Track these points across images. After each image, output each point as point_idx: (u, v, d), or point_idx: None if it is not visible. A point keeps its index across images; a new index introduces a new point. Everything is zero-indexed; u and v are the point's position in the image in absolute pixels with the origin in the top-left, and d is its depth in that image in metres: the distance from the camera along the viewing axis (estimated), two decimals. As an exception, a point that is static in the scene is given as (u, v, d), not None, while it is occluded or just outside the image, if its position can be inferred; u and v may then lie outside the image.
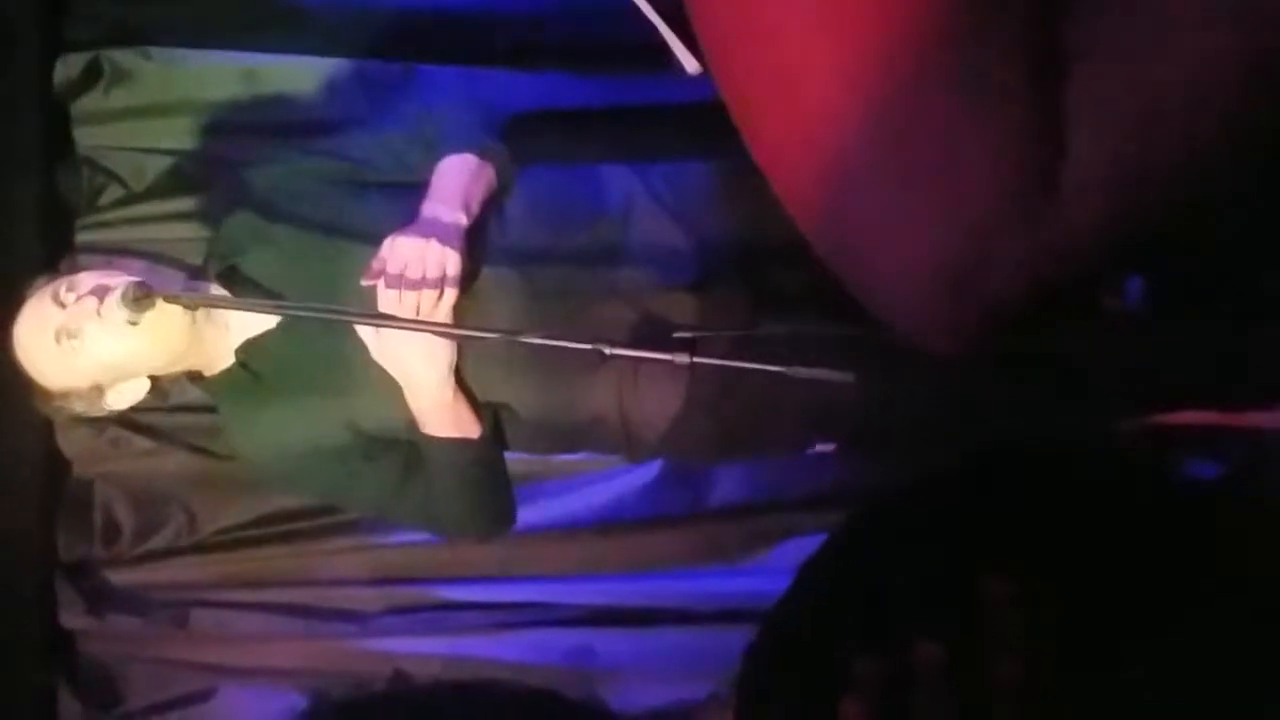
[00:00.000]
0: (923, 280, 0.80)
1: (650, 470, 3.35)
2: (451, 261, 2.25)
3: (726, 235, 2.41)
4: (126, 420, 3.19)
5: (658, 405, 2.42)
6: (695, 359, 2.10)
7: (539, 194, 2.49)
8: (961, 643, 0.92)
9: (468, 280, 2.33)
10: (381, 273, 2.24)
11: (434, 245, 2.24)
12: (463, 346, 2.35)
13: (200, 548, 3.37)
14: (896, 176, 0.78)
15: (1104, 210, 0.76)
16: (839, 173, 0.79)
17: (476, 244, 2.39)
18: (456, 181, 2.40)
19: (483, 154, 2.46)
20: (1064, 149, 0.75)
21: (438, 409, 2.40)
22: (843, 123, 0.78)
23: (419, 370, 2.35)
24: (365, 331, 2.31)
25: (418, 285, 2.22)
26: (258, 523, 3.35)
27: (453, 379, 2.37)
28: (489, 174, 2.45)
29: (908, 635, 0.95)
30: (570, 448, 2.70)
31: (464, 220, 2.34)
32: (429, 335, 2.28)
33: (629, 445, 2.52)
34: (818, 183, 0.82)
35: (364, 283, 2.25)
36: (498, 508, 2.62)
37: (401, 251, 2.24)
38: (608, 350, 2.11)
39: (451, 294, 2.25)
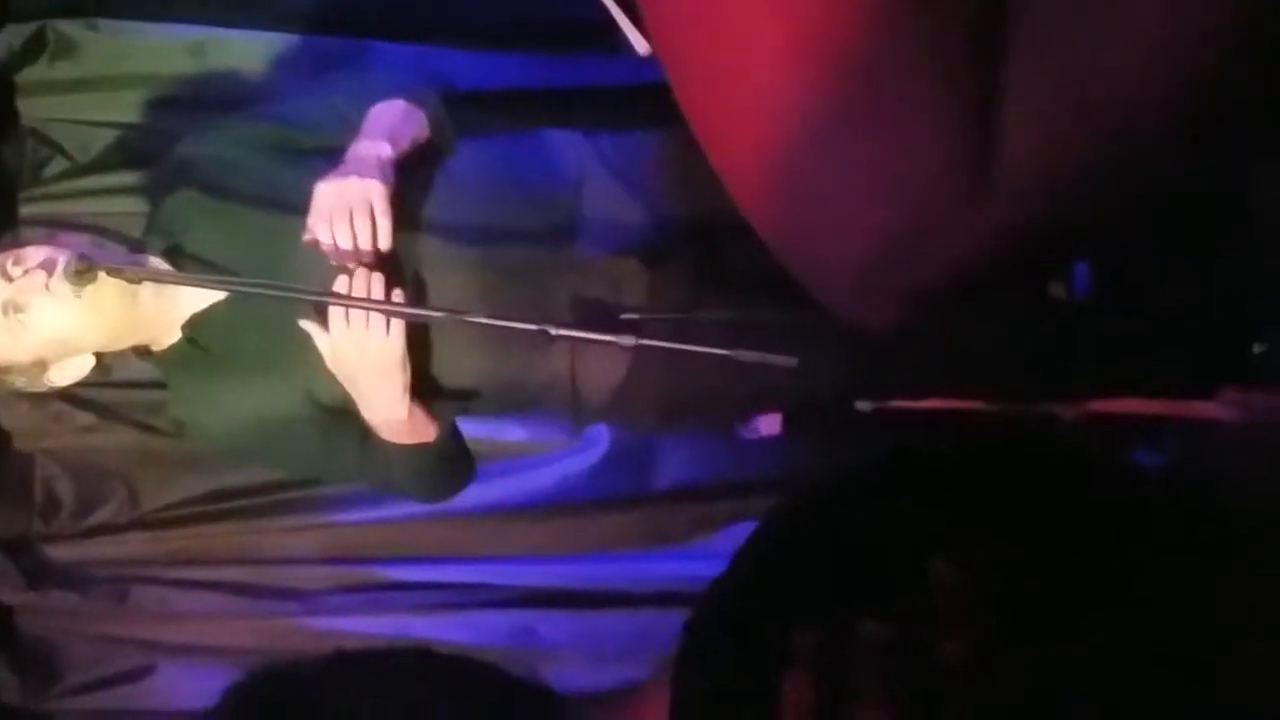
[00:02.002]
0: (858, 257, 0.81)
1: (597, 452, 3.35)
2: (375, 191, 2.23)
3: (679, 206, 2.41)
4: (69, 395, 3.16)
5: (605, 372, 2.41)
6: (640, 341, 2.10)
7: (489, 161, 2.48)
8: (906, 622, 0.93)
9: (407, 213, 2.32)
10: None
11: (352, 180, 2.23)
12: (413, 334, 2.33)
13: (142, 524, 3.35)
14: (835, 156, 0.78)
15: (1038, 192, 0.77)
16: (778, 153, 0.80)
17: (417, 190, 2.38)
18: (381, 121, 2.39)
19: (411, 98, 2.45)
20: (1000, 130, 0.76)
21: (392, 425, 2.40)
22: (783, 105, 0.78)
23: (372, 394, 2.35)
24: (321, 342, 2.29)
25: (346, 221, 2.21)
26: (200, 500, 3.34)
27: (407, 399, 2.36)
28: (418, 116, 2.44)
29: (852, 612, 0.95)
30: (519, 411, 2.70)
31: (387, 150, 2.31)
32: (383, 360, 2.27)
33: (575, 410, 2.52)
34: (757, 163, 0.82)
35: (305, 239, 2.24)
36: (457, 482, 2.67)
37: (325, 193, 2.23)
38: (554, 331, 2.10)
39: (385, 224, 2.23)
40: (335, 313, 2.24)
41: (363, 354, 2.26)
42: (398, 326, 2.26)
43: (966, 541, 0.97)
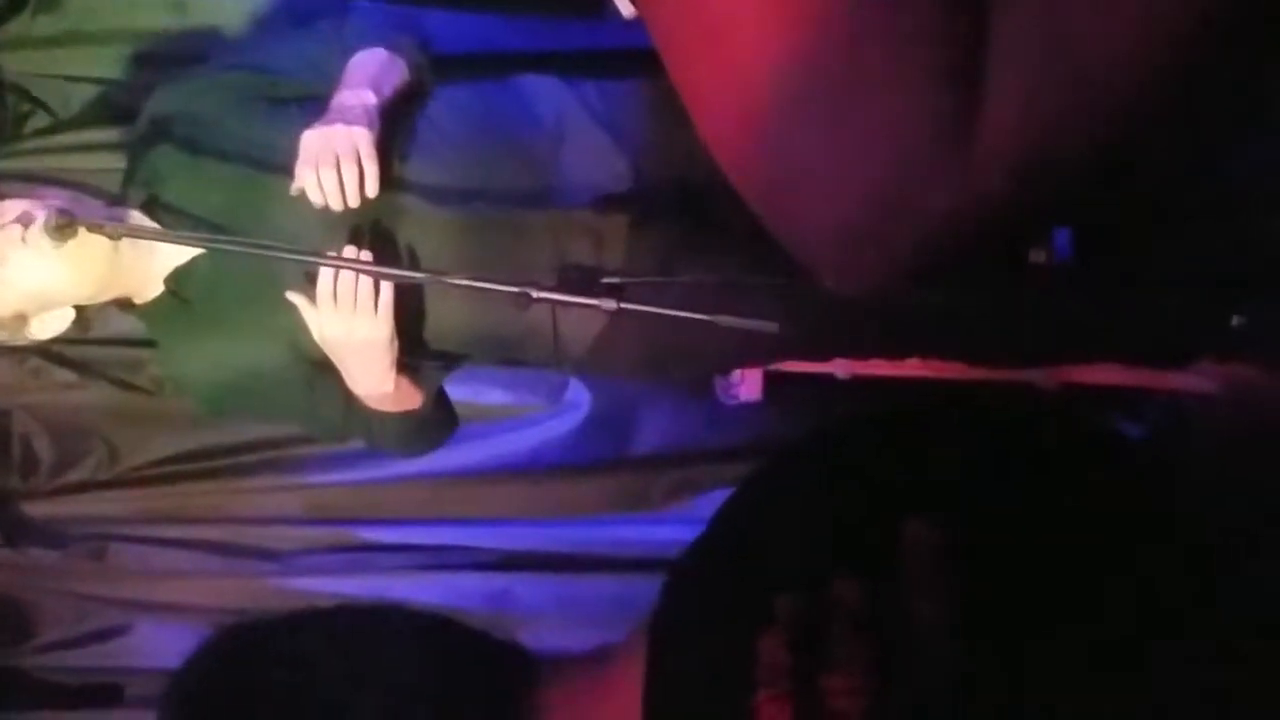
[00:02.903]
0: (841, 221, 0.81)
1: (577, 416, 3.35)
2: (361, 138, 2.22)
3: (663, 161, 2.39)
4: (48, 351, 3.16)
5: (586, 325, 2.41)
6: (622, 305, 2.09)
7: (467, 112, 2.46)
8: (880, 583, 0.93)
9: (387, 170, 2.30)
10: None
11: (339, 128, 2.22)
12: (396, 295, 2.32)
13: (120, 482, 3.35)
14: (816, 117, 0.78)
15: (1022, 154, 0.77)
16: (763, 118, 0.80)
17: (397, 146, 2.36)
18: (364, 71, 2.38)
19: (392, 47, 2.44)
20: (983, 93, 0.76)
21: (378, 397, 2.41)
22: (768, 69, 0.78)
23: (359, 371, 2.36)
24: (309, 317, 2.28)
25: (333, 167, 2.20)
26: (178, 458, 3.34)
27: (394, 373, 2.36)
28: (400, 65, 2.43)
29: (826, 574, 0.95)
30: (502, 358, 2.70)
31: (371, 98, 2.30)
32: (371, 339, 2.27)
33: (558, 361, 2.52)
34: (741, 128, 0.82)
35: (293, 188, 2.23)
36: (439, 438, 2.67)
37: (311, 141, 2.22)
38: (535, 294, 2.10)
39: (372, 169, 2.22)
40: (323, 293, 2.23)
41: (350, 333, 2.26)
42: (386, 306, 2.25)
43: (939, 502, 0.97)
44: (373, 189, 2.22)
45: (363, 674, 1.13)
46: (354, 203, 2.21)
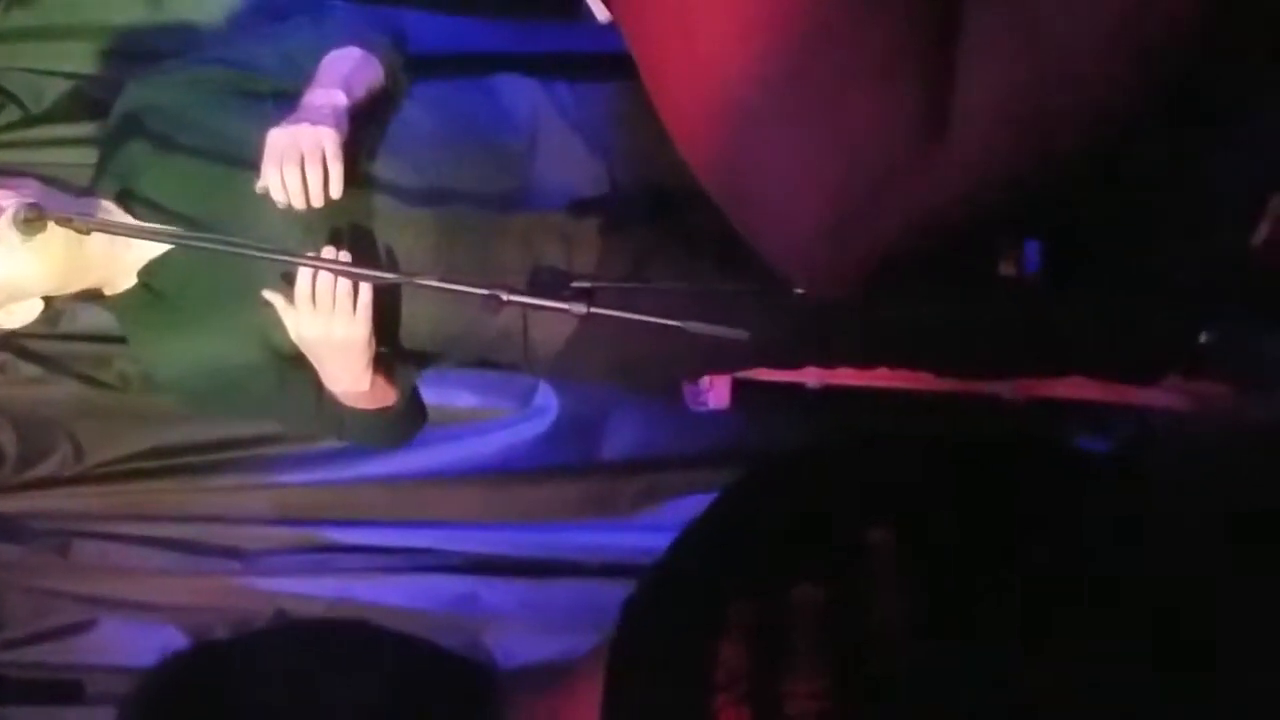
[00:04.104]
0: (811, 221, 0.81)
1: (545, 421, 3.35)
2: (327, 138, 2.20)
3: (635, 165, 2.40)
4: (15, 346, 3.14)
5: (556, 329, 2.41)
6: (592, 309, 2.10)
7: (441, 110, 2.46)
8: (841, 588, 0.94)
9: (359, 168, 2.31)
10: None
11: (305, 127, 2.21)
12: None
13: (85, 478, 3.33)
14: (787, 117, 0.78)
15: (992, 150, 0.77)
16: (732, 117, 0.80)
17: (368, 145, 2.36)
18: (336, 69, 2.37)
19: (367, 46, 2.43)
20: (953, 89, 0.76)
21: (354, 395, 2.41)
22: (737, 68, 0.78)
23: (335, 370, 2.36)
24: (287, 315, 2.28)
25: (297, 166, 2.19)
26: (145, 455, 3.32)
27: (370, 373, 2.36)
28: (373, 65, 2.42)
29: (788, 580, 0.96)
30: (475, 359, 2.70)
31: (341, 99, 2.29)
32: (348, 341, 2.27)
33: (528, 360, 2.52)
34: (711, 129, 0.82)
35: (258, 188, 2.22)
36: (409, 434, 2.68)
37: (277, 139, 2.21)
38: (505, 297, 2.10)
39: (337, 169, 2.21)
40: (302, 293, 2.23)
41: (328, 333, 2.26)
42: (365, 307, 2.25)
43: (901, 510, 0.98)
44: (336, 190, 2.21)
45: (325, 692, 1.14)
46: (316, 203, 2.20)
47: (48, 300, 2.39)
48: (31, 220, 2.16)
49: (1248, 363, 2.30)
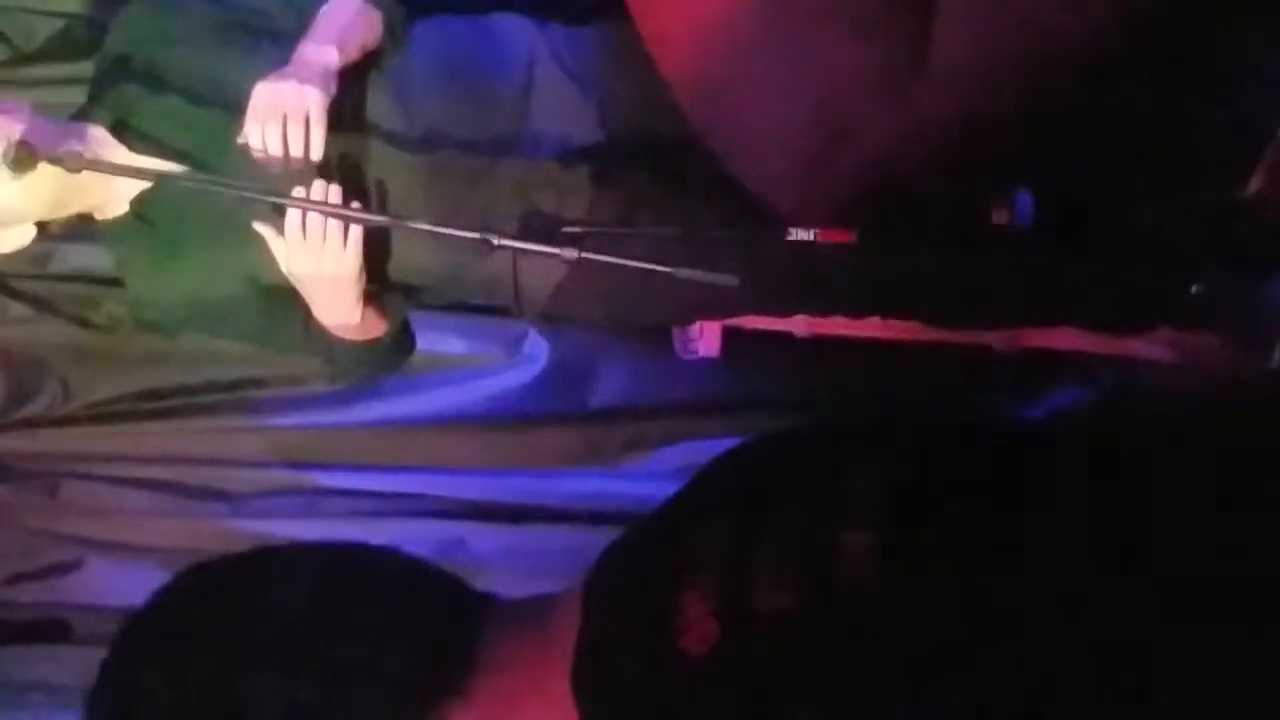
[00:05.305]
0: (785, 151, 0.82)
1: (534, 368, 3.36)
2: (313, 99, 2.20)
3: (629, 112, 2.39)
4: (3, 286, 3.14)
5: (546, 274, 2.42)
6: (582, 254, 2.10)
7: (437, 53, 2.45)
8: (814, 518, 0.95)
9: (353, 112, 2.31)
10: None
11: (292, 85, 2.20)
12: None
13: (74, 419, 3.34)
14: (772, 52, 0.79)
15: (969, 76, 0.78)
16: (718, 50, 0.81)
17: (364, 88, 2.37)
18: (334, 22, 2.35)
19: None
20: (931, 30, 0.77)
21: (343, 327, 2.41)
22: (724, 6, 0.79)
23: (325, 303, 2.36)
24: (277, 249, 2.28)
25: (279, 126, 2.19)
26: (134, 397, 3.33)
27: (359, 306, 2.36)
28: (373, 17, 2.41)
29: (763, 516, 0.97)
30: (467, 300, 2.71)
31: (334, 58, 2.29)
32: (339, 274, 2.27)
33: (519, 305, 2.53)
34: (698, 61, 0.83)
35: (239, 140, 2.22)
36: (396, 364, 2.70)
37: (261, 95, 2.21)
38: (496, 241, 2.10)
39: (318, 134, 2.21)
40: (292, 226, 2.23)
41: (319, 267, 2.26)
42: (355, 243, 2.25)
43: (884, 505, 1.00)
44: (317, 153, 2.21)
45: (326, 607, 1.14)
46: (295, 164, 2.20)
47: (42, 225, 2.39)
48: (22, 159, 2.15)
49: (1238, 315, 2.31)
